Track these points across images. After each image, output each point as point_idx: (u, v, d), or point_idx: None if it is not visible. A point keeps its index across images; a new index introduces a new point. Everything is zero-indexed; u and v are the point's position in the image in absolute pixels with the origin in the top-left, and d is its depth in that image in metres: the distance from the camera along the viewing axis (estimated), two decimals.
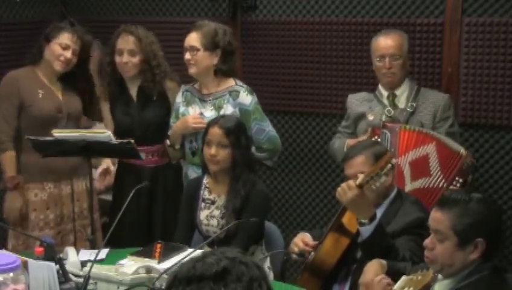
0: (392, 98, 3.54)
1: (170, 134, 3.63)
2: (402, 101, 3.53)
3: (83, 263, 2.77)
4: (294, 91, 4.33)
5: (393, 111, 3.51)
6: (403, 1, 3.95)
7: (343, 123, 3.75)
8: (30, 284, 2.43)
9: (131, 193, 2.91)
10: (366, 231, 2.72)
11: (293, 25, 4.25)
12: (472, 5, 3.79)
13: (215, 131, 3.16)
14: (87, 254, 3.00)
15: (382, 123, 3.43)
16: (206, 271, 1.43)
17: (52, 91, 3.63)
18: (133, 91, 3.77)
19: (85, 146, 3.19)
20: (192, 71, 3.55)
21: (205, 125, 3.33)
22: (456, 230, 2.25)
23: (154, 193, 3.74)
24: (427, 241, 2.33)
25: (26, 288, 2.35)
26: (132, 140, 3.24)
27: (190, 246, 3.02)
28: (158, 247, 2.91)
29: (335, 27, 4.14)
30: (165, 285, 1.52)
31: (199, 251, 2.48)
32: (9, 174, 3.59)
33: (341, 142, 3.63)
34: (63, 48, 3.56)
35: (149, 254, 2.85)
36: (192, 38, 3.52)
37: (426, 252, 2.34)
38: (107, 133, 3.28)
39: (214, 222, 3.21)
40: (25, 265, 2.43)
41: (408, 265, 2.61)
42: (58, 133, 3.24)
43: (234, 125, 3.19)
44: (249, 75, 4.36)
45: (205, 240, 2.97)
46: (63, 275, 2.54)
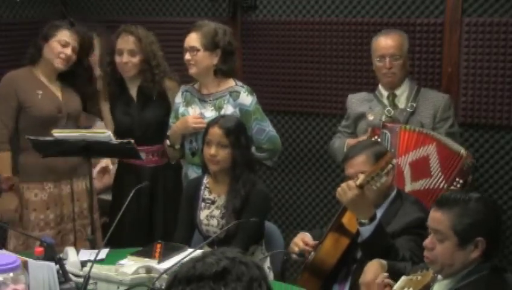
0: (392, 98, 3.54)
1: (170, 134, 3.63)
2: (402, 101, 3.53)
3: (83, 263, 2.77)
4: (294, 91, 4.33)
5: (393, 111, 3.50)
6: (403, 1, 3.95)
7: (343, 123, 3.75)
8: (30, 284, 2.43)
9: (131, 193, 2.91)
10: (366, 231, 2.72)
11: (293, 25, 4.25)
12: (472, 5, 3.79)
13: (215, 131, 3.16)
14: (87, 254, 3.00)
15: (382, 123, 3.43)
16: (206, 271, 1.43)
17: (51, 91, 3.62)
18: (133, 91, 3.77)
19: (85, 146, 3.19)
20: (192, 71, 3.55)
21: (205, 125, 3.33)
22: (456, 230, 2.25)
23: (154, 193, 3.74)
24: (427, 241, 2.33)
25: (26, 288, 2.35)
26: (132, 140, 3.24)
27: (190, 246, 3.02)
28: (158, 247, 2.90)
29: (335, 27, 4.14)
30: (165, 285, 1.52)
31: (199, 251, 2.48)
32: (4, 175, 3.58)
33: (341, 142, 3.63)
34: (63, 46, 3.56)
35: (149, 254, 2.84)
36: (192, 38, 3.52)
37: (426, 252, 2.34)
38: (107, 133, 3.28)
39: (214, 222, 3.20)
40: (25, 265, 2.43)
41: (408, 265, 2.61)
42: (58, 133, 3.24)
43: (234, 125, 3.19)
44: (249, 75, 4.36)
45: (205, 240, 2.97)
46: (63, 275, 2.54)
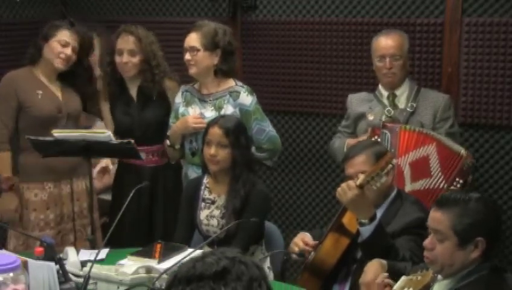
0: (392, 98, 3.54)
1: (170, 134, 3.62)
2: (402, 101, 3.53)
3: (83, 263, 2.77)
4: (294, 91, 4.33)
5: (393, 111, 3.50)
6: (403, 1, 3.95)
7: (343, 123, 3.75)
8: (30, 284, 2.43)
9: (131, 193, 2.91)
10: (366, 231, 2.72)
11: (293, 25, 4.25)
12: (472, 5, 3.79)
13: (215, 131, 3.16)
14: (87, 254, 3.00)
15: (382, 123, 3.43)
16: (206, 271, 1.43)
17: (51, 91, 3.62)
18: (133, 91, 3.77)
19: (85, 146, 3.19)
20: (192, 71, 3.55)
21: (205, 125, 3.33)
22: (456, 230, 2.25)
23: (154, 193, 3.74)
24: (427, 241, 2.33)
25: (26, 288, 2.35)
26: (132, 140, 3.24)
27: (190, 246, 3.02)
28: (158, 247, 2.90)
29: (335, 27, 4.13)
30: (165, 285, 1.52)
31: (199, 251, 2.48)
32: (4, 175, 3.58)
33: (341, 141, 3.63)
34: (63, 45, 3.56)
35: (149, 254, 2.84)
36: (192, 38, 3.51)
37: (426, 252, 2.33)
38: (107, 133, 3.28)
39: (214, 222, 3.20)
40: (25, 265, 2.43)
41: (408, 265, 2.61)
42: (58, 133, 3.24)
43: (234, 125, 3.18)
44: (249, 75, 4.36)
45: (205, 240, 2.97)
46: (63, 275, 2.54)
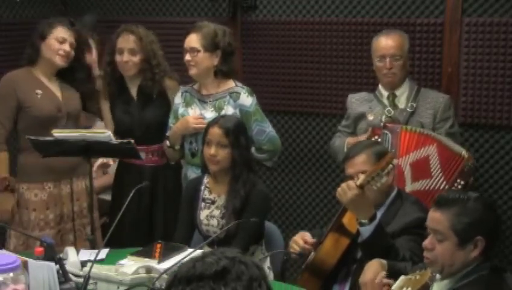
0: (392, 98, 3.54)
1: (170, 135, 3.62)
2: (402, 102, 3.53)
3: (83, 263, 2.77)
4: (294, 91, 4.33)
5: (393, 111, 3.50)
6: (403, 1, 3.95)
7: (343, 123, 3.75)
8: (30, 284, 2.43)
9: (131, 193, 2.91)
10: (366, 231, 2.72)
11: (293, 25, 4.25)
12: (472, 5, 3.79)
13: (215, 131, 3.16)
14: (87, 254, 3.00)
15: (383, 124, 3.43)
16: (206, 270, 1.43)
17: (51, 91, 3.62)
18: (133, 90, 3.77)
19: (85, 146, 3.19)
20: (192, 72, 3.55)
21: (206, 125, 3.33)
22: (456, 229, 2.25)
23: (154, 193, 3.74)
24: (426, 242, 2.33)
25: (26, 288, 2.34)
26: (132, 140, 3.23)
27: (190, 246, 3.02)
28: (158, 247, 2.90)
29: (335, 27, 4.14)
30: (165, 285, 1.52)
31: (199, 251, 2.48)
32: (0, 175, 3.58)
33: (341, 141, 3.63)
34: (60, 42, 3.56)
35: (149, 254, 2.84)
36: (192, 39, 3.51)
37: (426, 253, 2.33)
38: (107, 133, 3.27)
39: (214, 222, 3.20)
40: (25, 265, 2.43)
41: (408, 265, 2.61)
42: (58, 133, 3.24)
43: (234, 125, 3.18)
44: (249, 75, 4.36)
45: (205, 240, 2.97)
46: (63, 275, 2.54)
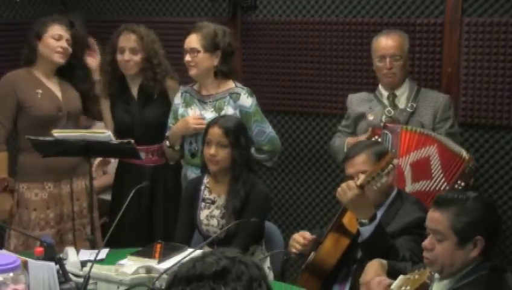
0: (392, 98, 3.54)
1: (170, 135, 3.62)
2: (402, 102, 3.53)
3: (83, 263, 2.77)
4: (294, 91, 4.33)
5: (393, 111, 3.50)
6: (403, 1, 3.95)
7: (343, 122, 3.75)
8: (30, 284, 2.43)
9: (131, 193, 2.91)
10: (366, 231, 2.72)
11: (293, 25, 4.25)
12: (472, 5, 3.79)
13: (214, 131, 3.16)
14: (87, 254, 3.00)
15: (383, 124, 3.43)
16: (206, 270, 1.43)
17: (51, 90, 3.62)
18: (134, 90, 3.77)
19: (85, 146, 3.19)
20: (192, 73, 3.54)
21: (206, 125, 3.33)
22: (455, 229, 2.25)
23: (154, 193, 3.73)
24: (426, 242, 2.33)
25: (26, 288, 2.34)
26: (132, 140, 3.23)
27: (190, 246, 3.02)
28: (158, 247, 2.90)
29: (335, 27, 4.14)
30: (165, 285, 1.52)
31: (199, 251, 2.48)
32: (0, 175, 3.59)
33: (341, 141, 3.63)
34: (57, 40, 3.56)
35: (149, 254, 2.84)
36: (192, 40, 3.51)
37: (425, 253, 2.33)
38: (107, 133, 3.27)
39: (214, 222, 3.20)
40: (25, 265, 2.43)
41: (408, 265, 2.61)
42: (58, 133, 3.24)
43: (234, 125, 3.18)
44: (249, 75, 4.36)
45: (205, 240, 2.97)
46: (63, 275, 2.54)
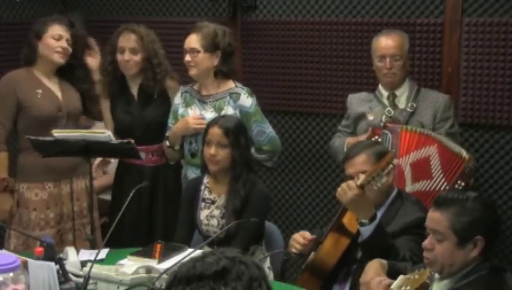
0: (392, 98, 3.54)
1: (169, 135, 3.62)
2: (402, 102, 3.53)
3: (83, 263, 2.77)
4: (294, 91, 4.33)
5: (393, 111, 3.50)
6: (403, 1, 3.95)
7: (343, 122, 3.76)
8: (30, 284, 2.43)
9: (131, 193, 2.91)
10: (366, 231, 2.72)
11: (293, 25, 4.25)
12: (472, 5, 3.79)
13: (214, 131, 3.16)
14: (87, 254, 3.00)
15: (383, 124, 3.43)
16: (206, 270, 1.43)
17: (51, 90, 3.62)
18: (134, 90, 3.77)
19: (85, 146, 3.19)
20: (192, 73, 3.54)
21: (206, 125, 3.33)
22: (455, 229, 2.25)
23: (154, 193, 3.73)
24: (426, 242, 2.33)
25: (26, 288, 2.34)
26: (132, 140, 3.23)
27: (190, 246, 3.02)
28: (158, 247, 2.90)
29: (335, 27, 4.14)
30: (165, 285, 1.52)
31: (199, 251, 2.48)
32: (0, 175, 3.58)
33: (341, 140, 3.63)
34: (57, 40, 3.56)
35: (149, 254, 2.84)
36: (192, 40, 3.51)
37: (425, 253, 2.33)
38: (107, 133, 3.27)
39: (214, 222, 3.20)
40: (25, 265, 2.43)
41: (408, 265, 2.61)
42: (58, 133, 3.24)
43: (234, 125, 3.18)
44: (249, 75, 4.36)
45: (205, 240, 2.97)
46: (63, 275, 2.54)
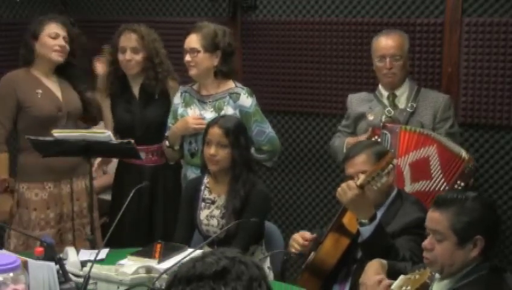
0: (392, 98, 3.54)
1: (169, 135, 3.62)
2: (402, 102, 3.53)
3: (83, 263, 2.77)
4: (294, 91, 4.33)
5: (393, 111, 3.50)
6: (403, 1, 3.95)
7: (343, 123, 3.76)
8: (30, 284, 2.43)
9: (131, 193, 2.91)
10: (366, 231, 2.72)
11: (293, 25, 4.25)
12: (472, 5, 3.79)
13: (214, 131, 3.16)
14: (87, 254, 3.00)
15: (382, 124, 3.43)
16: (206, 270, 1.43)
17: (51, 90, 3.62)
18: (136, 89, 3.77)
19: (85, 146, 3.19)
20: (192, 73, 3.54)
21: (205, 125, 3.33)
22: (455, 229, 2.25)
23: (154, 193, 3.73)
24: (426, 242, 2.33)
25: (26, 288, 2.34)
26: (132, 140, 3.23)
27: (190, 246, 3.02)
28: (158, 247, 2.90)
29: (335, 27, 4.14)
30: (165, 285, 1.52)
31: (199, 251, 2.48)
32: (0, 176, 3.58)
33: (341, 140, 3.63)
34: (54, 38, 3.56)
35: (149, 254, 2.84)
36: (192, 40, 3.51)
37: (425, 253, 2.33)
38: (107, 133, 3.27)
39: (214, 222, 3.20)
40: (25, 265, 2.43)
41: (408, 265, 2.61)
42: (58, 133, 3.24)
43: (234, 125, 3.18)
44: (249, 75, 4.36)
45: (205, 240, 2.97)
46: (63, 275, 2.54)
